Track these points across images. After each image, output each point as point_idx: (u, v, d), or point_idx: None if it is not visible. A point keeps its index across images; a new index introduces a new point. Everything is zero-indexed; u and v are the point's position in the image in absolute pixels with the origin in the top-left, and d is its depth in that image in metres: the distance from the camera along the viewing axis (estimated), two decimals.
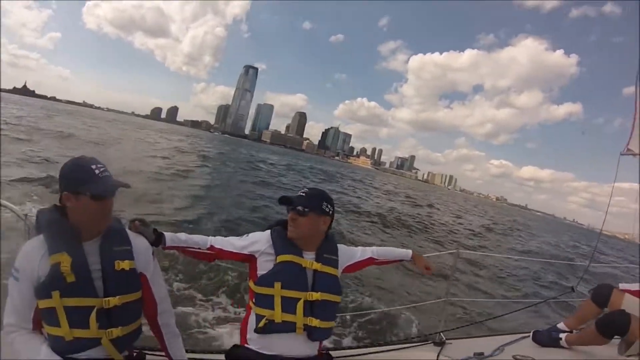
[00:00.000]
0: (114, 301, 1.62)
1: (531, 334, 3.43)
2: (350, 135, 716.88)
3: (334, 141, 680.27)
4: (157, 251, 1.96)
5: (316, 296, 2.01)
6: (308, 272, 2.06)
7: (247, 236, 2.16)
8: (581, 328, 3.32)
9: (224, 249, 2.10)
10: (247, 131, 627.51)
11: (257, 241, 2.12)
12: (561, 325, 3.42)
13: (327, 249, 2.16)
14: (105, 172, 1.66)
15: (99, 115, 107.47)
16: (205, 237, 2.14)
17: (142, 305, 1.80)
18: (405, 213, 22.18)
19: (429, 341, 3.14)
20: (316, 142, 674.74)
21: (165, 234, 1.99)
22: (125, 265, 1.67)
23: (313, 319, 1.99)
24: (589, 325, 3.17)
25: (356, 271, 2.41)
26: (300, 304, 1.98)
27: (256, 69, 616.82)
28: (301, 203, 2.08)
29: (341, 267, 2.20)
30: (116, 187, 1.68)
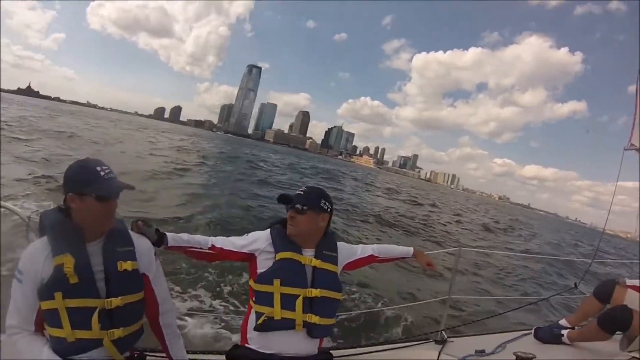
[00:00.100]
0: (116, 302, 1.63)
1: (533, 331, 3.42)
2: (354, 134, 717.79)
3: (337, 140, 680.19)
4: (161, 252, 1.96)
5: (315, 293, 2.02)
6: (307, 269, 2.07)
7: (247, 235, 2.17)
8: (583, 324, 3.31)
9: (224, 248, 2.11)
10: (251, 130, 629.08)
11: (257, 240, 2.13)
12: (563, 322, 3.40)
13: (326, 246, 2.17)
14: (110, 174, 1.67)
15: (102, 115, 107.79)
16: (207, 237, 2.15)
17: (144, 306, 1.81)
18: (403, 213, 22.06)
19: (430, 339, 3.12)
20: (319, 141, 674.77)
21: (167, 234, 2.00)
22: (127, 266, 1.69)
23: (312, 315, 1.99)
24: (591, 322, 3.16)
25: (357, 269, 2.41)
26: (299, 301, 1.98)
27: (259, 69, 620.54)
28: (300, 201, 2.10)
29: (341, 264, 2.21)
30: (121, 189, 1.70)
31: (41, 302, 1.56)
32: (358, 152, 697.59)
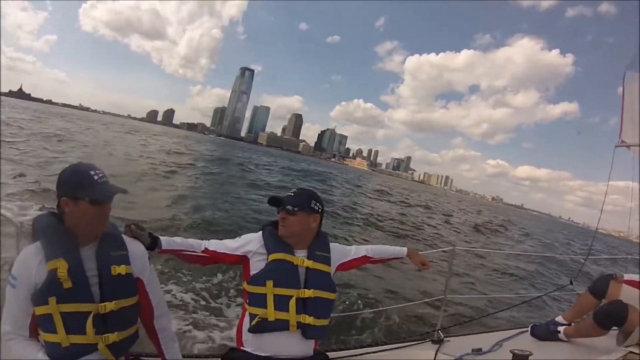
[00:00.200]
0: (110, 306, 1.63)
1: (529, 329, 3.44)
2: (347, 137, 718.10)
3: (330, 143, 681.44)
4: (156, 255, 1.97)
5: (309, 293, 2.03)
6: (300, 270, 2.08)
7: (239, 238, 2.20)
8: (579, 320, 3.33)
9: (217, 251, 2.12)
10: (244, 133, 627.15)
11: (250, 242, 2.15)
12: (559, 319, 3.42)
13: (318, 246, 2.19)
14: (104, 178, 1.69)
15: (94, 118, 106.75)
16: (200, 240, 2.16)
17: (139, 310, 1.81)
18: (393, 216, 21.97)
19: (427, 339, 3.13)
20: (312, 144, 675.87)
21: (161, 238, 2.01)
22: (121, 270, 1.69)
23: (306, 316, 2.00)
24: (587, 318, 3.17)
25: (351, 269, 2.42)
26: (292, 302, 1.99)
27: (252, 71, 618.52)
28: (290, 202, 2.12)
29: (334, 264, 2.22)
30: (114, 193, 1.70)
31: (35, 307, 1.55)
32: (351, 154, 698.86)
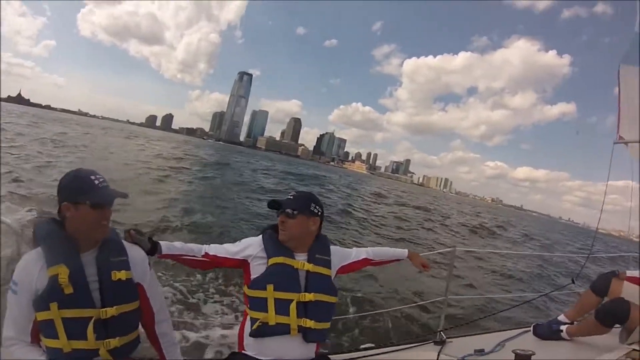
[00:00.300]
0: (111, 312, 1.64)
1: (532, 328, 3.42)
2: (345, 141, 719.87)
3: (329, 147, 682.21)
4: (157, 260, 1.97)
5: (309, 297, 2.02)
6: (300, 273, 2.07)
7: (239, 242, 2.19)
8: (582, 319, 3.32)
9: (218, 255, 2.12)
10: (242, 138, 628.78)
11: (250, 246, 2.14)
12: (562, 317, 3.41)
13: (319, 249, 2.18)
14: (104, 183, 1.71)
15: (93, 124, 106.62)
16: (200, 245, 2.16)
17: (140, 315, 1.81)
18: (391, 220, 21.93)
19: (429, 340, 3.11)
20: (311, 148, 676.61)
21: (161, 242, 2.01)
22: (122, 275, 1.70)
23: (307, 320, 1.99)
24: (589, 316, 3.16)
25: (351, 272, 2.41)
26: (293, 305, 1.98)
27: (250, 75, 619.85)
28: (289, 206, 2.12)
29: (334, 267, 2.21)
30: (115, 197, 1.73)
31: (37, 313, 1.56)
32: (350, 158, 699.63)
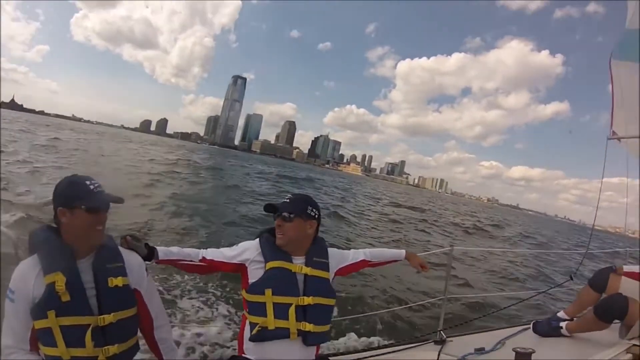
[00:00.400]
0: (109, 318, 1.63)
1: (531, 325, 3.44)
2: (340, 143, 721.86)
3: (323, 149, 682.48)
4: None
5: (308, 300, 2.02)
6: (298, 277, 2.07)
7: (236, 246, 2.18)
8: (581, 315, 3.33)
9: (215, 259, 2.11)
10: (237, 142, 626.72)
11: (247, 250, 2.13)
12: (561, 314, 3.42)
13: (316, 252, 2.17)
14: (99, 188, 1.71)
15: (87, 129, 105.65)
16: (197, 249, 2.15)
17: (139, 321, 1.81)
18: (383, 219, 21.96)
19: (430, 340, 3.12)
20: (306, 151, 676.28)
21: (158, 248, 2.00)
22: (118, 282, 1.70)
23: (306, 323, 1.99)
24: (588, 312, 3.18)
25: (349, 274, 2.40)
26: (292, 309, 1.98)
27: (244, 79, 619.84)
28: (286, 209, 2.11)
29: (332, 270, 2.20)
30: (110, 201, 1.72)
31: (35, 321, 1.55)
32: (345, 160, 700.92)
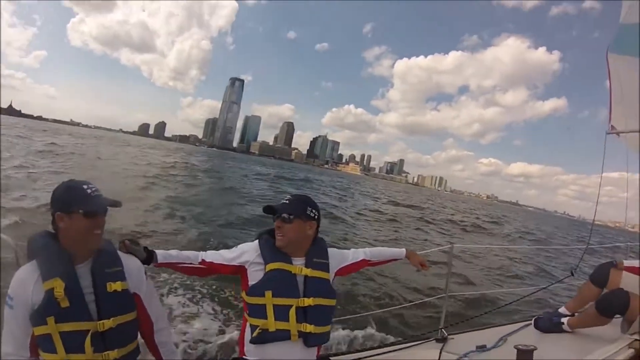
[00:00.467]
0: (108, 323, 1.62)
1: (533, 322, 3.42)
2: (339, 143, 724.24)
3: (322, 149, 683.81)
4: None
5: (308, 302, 2.00)
6: (298, 278, 2.05)
7: (236, 248, 2.16)
8: (582, 310, 3.32)
9: (214, 262, 2.09)
10: (236, 144, 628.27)
11: (246, 251, 2.11)
12: (562, 310, 3.42)
13: (316, 253, 2.15)
14: (97, 192, 1.70)
15: (85, 133, 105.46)
16: (196, 252, 2.13)
17: (138, 325, 1.80)
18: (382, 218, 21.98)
19: (431, 338, 3.11)
20: (305, 152, 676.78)
21: (157, 251, 1.98)
22: (117, 286, 1.68)
23: (307, 325, 1.97)
24: (589, 307, 3.16)
25: (350, 274, 2.38)
26: (292, 311, 1.96)
27: (242, 81, 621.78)
28: (285, 210, 2.08)
29: (332, 270, 2.18)
30: (107, 205, 1.71)
31: (34, 328, 1.54)
32: (344, 160, 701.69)
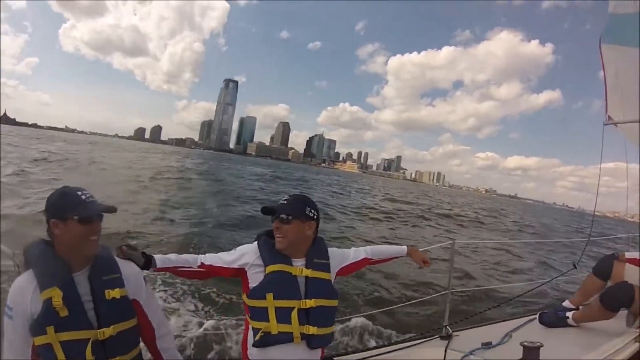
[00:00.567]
0: (108, 331, 1.61)
1: (537, 316, 3.41)
2: (335, 141, 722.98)
3: (319, 148, 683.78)
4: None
5: (310, 303, 1.97)
6: (299, 280, 2.02)
7: (235, 250, 2.13)
8: (587, 304, 3.31)
9: (214, 265, 2.07)
10: (232, 145, 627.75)
11: (245, 254, 2.08)
12: (566, 304, 3.40)
13: (316, 253, 2.12)
14: (91, 198, 1.69)
15: (81, 139, 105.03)
16: (195, 255, 2.11)
17: (140, 331, 1.78)
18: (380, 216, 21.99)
19: (436, 336, 3.09)
20: (301, 151, 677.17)
21: (155, 256, 1.97)
22: (115, 293, 1.67)
23: (310, 326, 1.95)
24: (594, 301, 3.15)
25: (351, 273, 2.36)
26: (294, 313, 1.94)
27: (236, 82, 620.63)
28: (283, 211, 2.05)
29: (334, 270, 2.16)
30: (102, 211, 1.69)
31: (34, 338, 1.53)
32: (341, 158, 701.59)
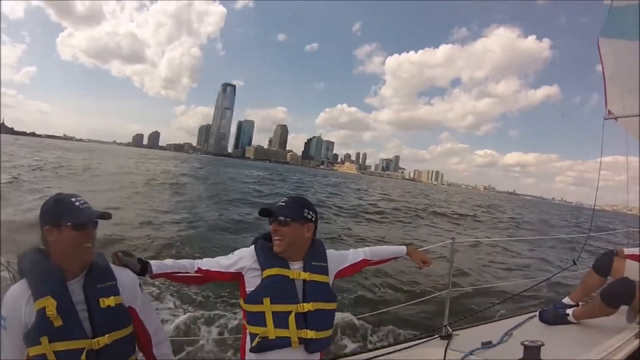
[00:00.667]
0: (103, 340, 1.59)
1: (537, 314, 3.38)
2: (333, 143, 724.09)
3: (317, 150, 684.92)
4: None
5: (308, 307, 1.95)
6: (297, 283, 2.00)
7: (232, 254, 2.11)
8: (587, 300, 3.28)
9: (211, 269, 2.05)
10: (231, 149, 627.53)
11: (242, 258, 2.06)
12: (566, 300, 3.39)
13: (314, 256, 2.10)
14: (86, 204, 1.68)
15: (79, 147, 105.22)
16: (192, 260, 2.08)
17: (136, 339, 1.76)
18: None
19: (435, 335, 3.06)
20: (300, 153, 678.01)
21: (151, 262, 1.94)
22: (110, 301, 1.64)
23: (308, 330, 1.92)
24: (594, 297, 3.12)
25: (350, 275, 2.33)
26: (292, 318, 1.91)
27: (234, 86, 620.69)
28: (282, 213, 2.03)
29: (332, 272, 2.14)
30: (96, 217, 1.67)
31: (29, 349, 1.51)
32: (340, 159, 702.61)
